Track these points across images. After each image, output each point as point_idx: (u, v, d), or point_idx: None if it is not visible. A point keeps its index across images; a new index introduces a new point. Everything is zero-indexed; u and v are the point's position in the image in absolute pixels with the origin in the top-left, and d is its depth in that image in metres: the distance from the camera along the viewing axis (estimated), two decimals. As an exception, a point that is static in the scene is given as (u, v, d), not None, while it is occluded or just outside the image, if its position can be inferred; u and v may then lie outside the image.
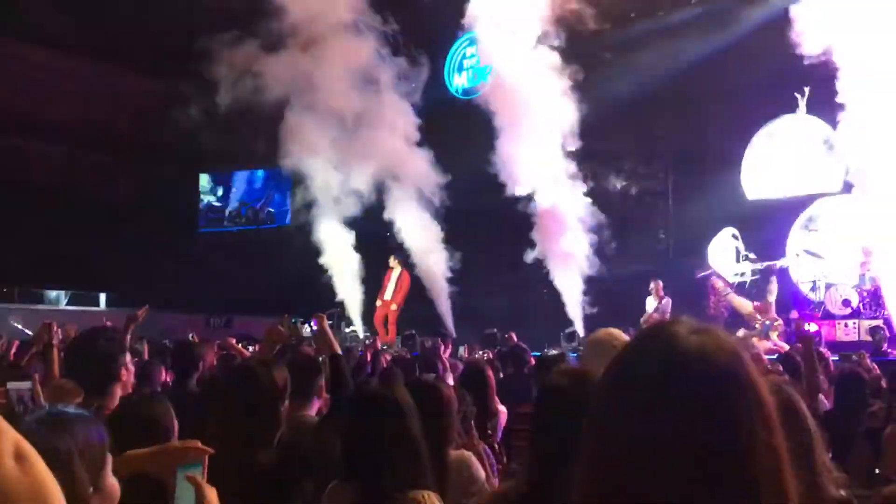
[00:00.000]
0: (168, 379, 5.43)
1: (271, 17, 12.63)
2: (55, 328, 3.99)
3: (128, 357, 3.46)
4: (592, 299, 13.09)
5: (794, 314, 12.88)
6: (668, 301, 13.04)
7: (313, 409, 3.72)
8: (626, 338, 2.86)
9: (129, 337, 4.71)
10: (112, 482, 1.74)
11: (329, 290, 14.63)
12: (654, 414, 1.02)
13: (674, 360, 1.05)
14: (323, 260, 14.61)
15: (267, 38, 12.92)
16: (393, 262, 14.78)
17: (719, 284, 13.50)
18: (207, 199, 20.60)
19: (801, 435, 2.44)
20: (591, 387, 1.25)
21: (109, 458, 1.74)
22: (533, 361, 6.79)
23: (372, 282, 14.99)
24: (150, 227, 16.92)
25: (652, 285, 13.29)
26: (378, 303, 14.88)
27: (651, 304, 13.17)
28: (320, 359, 3.85)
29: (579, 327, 13.02)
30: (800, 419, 2.48)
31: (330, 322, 9.38)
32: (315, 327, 3.51)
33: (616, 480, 1.02)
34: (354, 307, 15.01)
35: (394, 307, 14.70)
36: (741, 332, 12.83)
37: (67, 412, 1.74)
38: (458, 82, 17.28)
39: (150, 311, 5.23)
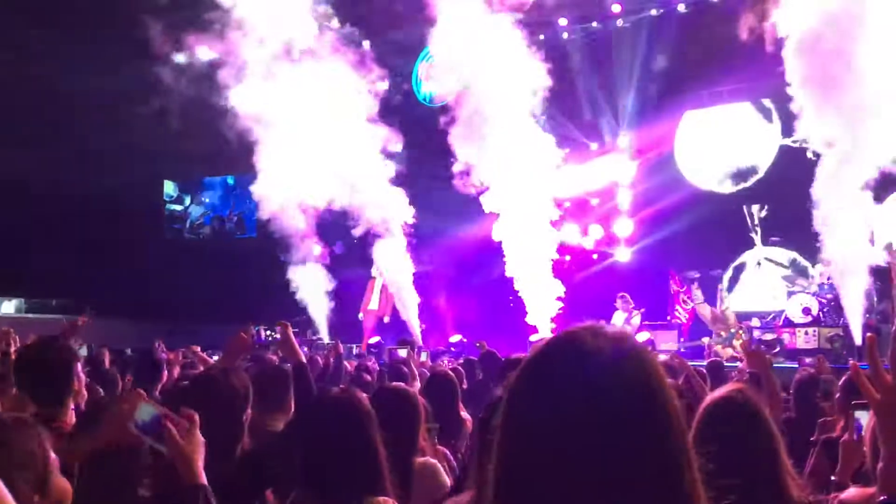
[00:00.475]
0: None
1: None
2: (12, 337, 3.89)
3: (79, 366, 3.38)
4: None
5: (756, 322, 13.08)
6: (637, 313, 13.12)
7: (284, 418, 3.66)
8: None
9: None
10: (61, 484, 1.70)
11: (294, 300, 14.49)
12: (558, 423, 1.00)
13: (579, 368, 1.03)
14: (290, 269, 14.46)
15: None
16: (375, 271, 14.75)
17: (697, 294, 13.68)
18: (172, 207, 20.36)
19: (763, 439, 2.49)
20: None
21: (55, 462, 1.70)
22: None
23: (341, 290, 14.92)
24: (114, 233, 16.66)
25: (618, 301, 13.34)
26: (360, 315, 14.95)
27: (620, 317, 13.20)
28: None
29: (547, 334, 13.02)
30: (762, 423, 2.52)
31: (295, 330, 9.21)
32: (279, 336, 3.45)
33: (527, 485, 1.01)
34: (321, 316, 14.91)
35: (386, 319, 14.79)
36: (705, 340, 13.00)
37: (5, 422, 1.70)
38: (426, 89, 17.26)
39: (97, 318, 5.12)
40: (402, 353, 7.62)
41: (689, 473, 1.02)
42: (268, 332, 12.15)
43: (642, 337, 12.19)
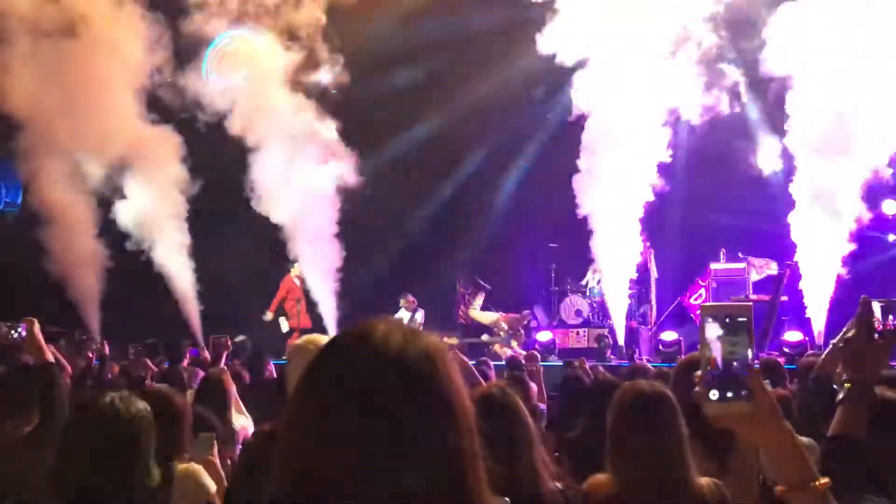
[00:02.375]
0: None
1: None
2: None
3: None
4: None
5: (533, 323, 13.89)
6: (421, 313, 13.40)
7: (27, 423, 3.35)
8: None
9: None
10: None
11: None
12: (339, 416, 1.01)
13: (365, 362, 1.05)
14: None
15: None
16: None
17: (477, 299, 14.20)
18: None
19: (517, 428, 2.67)
20: None
21: None
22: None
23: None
24: None
25: (402, 301, 13.52)
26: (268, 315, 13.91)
27: (404, 316, 13.37)
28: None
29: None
30: (518, 415, 2.70)
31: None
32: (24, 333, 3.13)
33: (306, 478, 1.02)
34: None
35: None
36: (484, 337, 13.59)
37: None
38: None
39: None
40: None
41: (473, 465, 1.06)
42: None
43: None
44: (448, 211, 14.87)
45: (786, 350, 10.52)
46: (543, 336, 12.91)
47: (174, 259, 12.98)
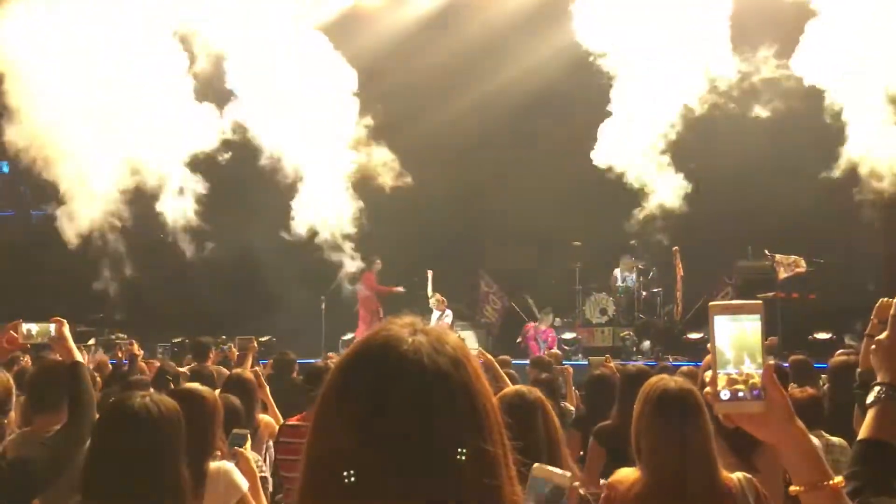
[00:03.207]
0: None
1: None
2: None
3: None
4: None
5: (557, 322, 13.83)
6: (450, 314, 13.36)
7: (57, 421, 3.40)
8: None
9: None
10: None
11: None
12: (371, 422, 1.01)
13: (390, 365, 1.04)
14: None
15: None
16: None
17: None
18: None
19: (543, 431, 2.70)
20: None
21: None
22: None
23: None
24: None
25: (432, 300, 13.40)
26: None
27: (433, 315, 13.31)
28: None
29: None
30: (546, 417, 2.74)
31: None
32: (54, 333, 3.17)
33: (333, 483, 1.01)
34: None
35: None
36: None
37: None
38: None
39: None
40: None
41: (506, 469, 1.06)
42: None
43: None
44: (468, 207, 14.76)
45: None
46: (568, 335, 12.87)
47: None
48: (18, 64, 11.07)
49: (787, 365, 6.02)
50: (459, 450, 1.00)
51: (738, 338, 1.36)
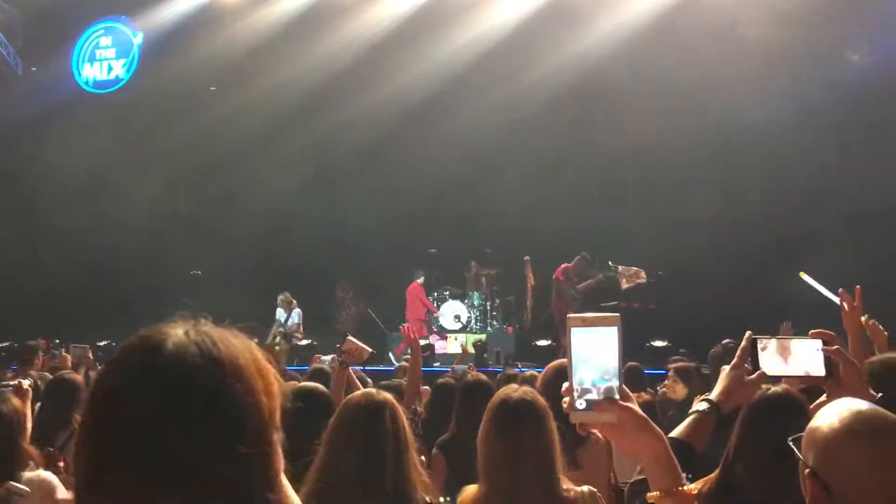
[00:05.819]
0: None
1: None
2: None
3: None
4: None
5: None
6: (298, 313, 13.06)
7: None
8: None
9: None
10: None
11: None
12: (135, 425, 0.94)
13: (152, 368, 0.97)
14: None
15: None
16: None
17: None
18: None
19: (389, 433, 2.60)
20: None
21: None
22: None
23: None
24: None
25: (280, 298, 13.06)
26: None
27: (280, 316, 13.01)
28: None
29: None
30: (393, 419, 2.64)
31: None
32: None
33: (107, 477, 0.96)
34: None
35: None
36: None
37: None
38: (87, 74, 15.79)
39: None
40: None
41: (268, 480, 1.00)
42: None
43: None
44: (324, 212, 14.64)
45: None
46: (422, 342, 12.84)
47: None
48: None
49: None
50: (207, 462, 0.95)
51: (594, 349, 1.38)
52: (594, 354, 1.38)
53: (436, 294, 13.78)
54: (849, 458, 1.46)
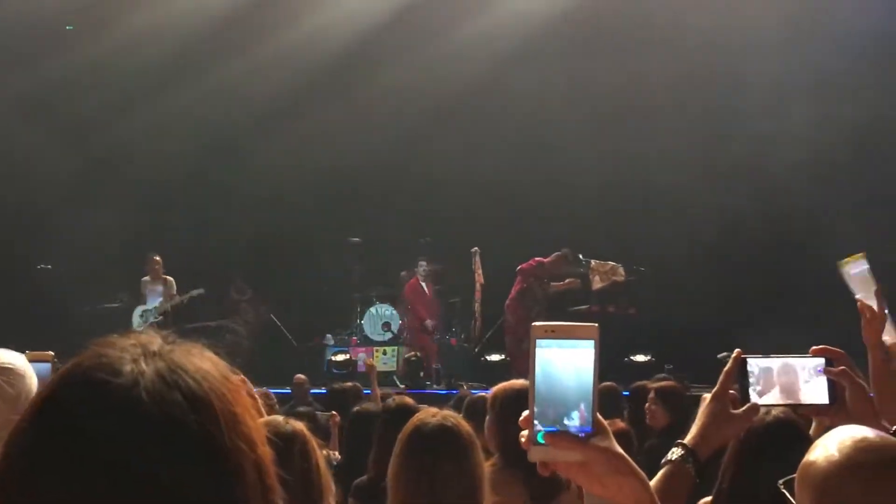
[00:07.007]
0: None
1: None
2: None
3: None
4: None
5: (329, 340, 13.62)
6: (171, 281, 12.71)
7: None
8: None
9: None
10: None
11: None
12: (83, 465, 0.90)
13: (91, 407, 0.93)
14: None
15: None
16: None
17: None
18: None
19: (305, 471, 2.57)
20: None
21: None
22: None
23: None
24: None
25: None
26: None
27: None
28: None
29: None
30: (308, 454, 2.62)
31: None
32: None
33: None
34: None
35: None
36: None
37: None
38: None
39: None
40: None
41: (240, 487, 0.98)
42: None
43: None
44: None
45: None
46: (339, 357, 12.57)
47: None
48: None
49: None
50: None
51: (564, 368, 1.33)
52: (564, 374, 1.33)
53: (358, 296, 13.53)
54: (846, 493, 1.47)
